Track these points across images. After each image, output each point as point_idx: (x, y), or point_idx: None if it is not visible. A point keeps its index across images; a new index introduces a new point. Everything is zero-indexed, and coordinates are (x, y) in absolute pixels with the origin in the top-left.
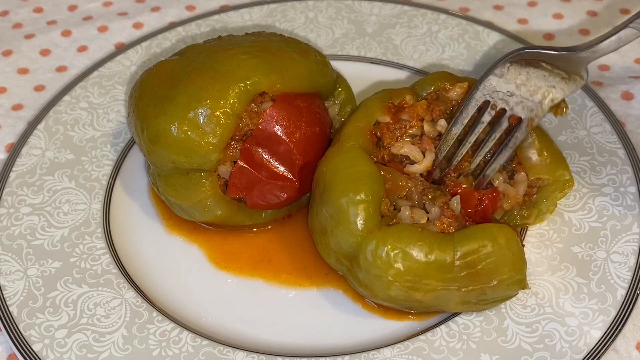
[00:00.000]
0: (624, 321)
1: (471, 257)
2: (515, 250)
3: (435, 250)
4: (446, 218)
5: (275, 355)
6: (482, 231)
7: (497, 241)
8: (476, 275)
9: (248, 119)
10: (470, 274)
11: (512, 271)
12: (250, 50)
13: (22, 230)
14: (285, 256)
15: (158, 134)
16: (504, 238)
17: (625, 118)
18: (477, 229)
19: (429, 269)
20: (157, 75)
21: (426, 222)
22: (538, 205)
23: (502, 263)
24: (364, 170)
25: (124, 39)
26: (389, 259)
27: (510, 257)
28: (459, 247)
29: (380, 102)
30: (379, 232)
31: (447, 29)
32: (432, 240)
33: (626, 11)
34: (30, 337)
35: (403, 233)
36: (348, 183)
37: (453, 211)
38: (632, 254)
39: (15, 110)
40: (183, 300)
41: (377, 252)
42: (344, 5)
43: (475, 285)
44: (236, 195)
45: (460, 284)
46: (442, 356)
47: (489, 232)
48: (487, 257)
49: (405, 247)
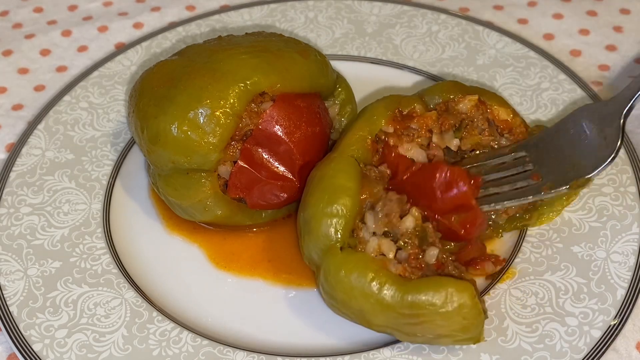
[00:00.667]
0: (624, 321)
1: (417, 310)
2: (468, 315)
3: (384, 292)
4: (409, 266)
5: (275, 355)
6: (435, 288)
7: (448, 303)
8: (420, 326)
9: (248, 118)
10: (413, 324)
11: (461, 332)
12: (251, 50)
13: (22, 230)
14: (285, 256)
15: (158, 133)
16: (457, 302)
17: None
18: (432, 284)
19: (375, 306)
20: (157, 75)
21: (392, 257)
22: (541, 210)
23: (449, 324)
24: (345, 186)
25: (124, 39)
26: (342, 285)
27: (459, 321)
28: (408, 296)
29: (385, 109)
30: (340, 255)
31: (447, 29)
32: (385, 281)
33: (626, 11)
34: (31, 337)
35: (359, 265)
36: (325, 193)
37: (422, 261)
38: (632, 253)
39: (15, 110)
40: (183, 300)
41: (332, 274)
42: (344, 5)
43: (419, 333)
44: (236, 195)
45: (404, 329)
46: (442, 356)
47: (442, 292)
48: (433, 315)
49: (357, 280)
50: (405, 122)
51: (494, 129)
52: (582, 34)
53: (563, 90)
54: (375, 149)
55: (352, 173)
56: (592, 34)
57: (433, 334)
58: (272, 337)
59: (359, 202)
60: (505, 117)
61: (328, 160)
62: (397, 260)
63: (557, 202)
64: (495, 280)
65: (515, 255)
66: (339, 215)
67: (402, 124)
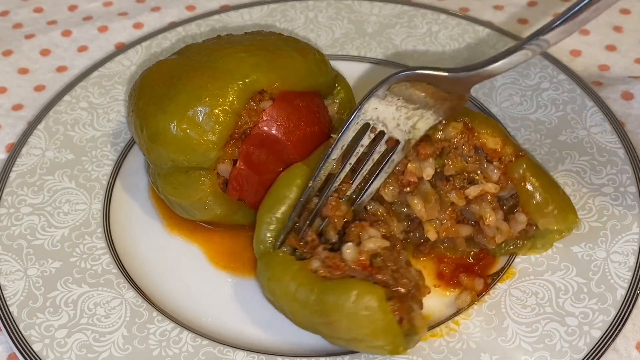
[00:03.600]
0: (624, 321)
1: (325, 309)
2: (375, 319)
3: (300, 291)
4: (325, 267)
5: (275, 355)
6: (343, 289)
7: (352, 304)
8: (331, 326)
9: (247, 117)
10: (326, 324)
11: (372, 337)
12: (250, 49)
13: (22, 230)
14: None
15: (157, 132)
16: (363, 304)
17: (625, 118)
18: (341, 285)
19: (294, 304)
20: (156, 74)
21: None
22: (533, 241)
23: (356, 327)
24: (287, 196)
25: (124, 39)
26: (268, 286)
27: (366, 325)
28: (319, 295)
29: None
30: (264, 258)
31: (447, 29)
32: (300, 281)
33: (626, 11)
34: (31, 337)
35: (278, 267)
36: (269, 199)
37: (337, 260)
38: (632, 253)
39: (15, 110)
40: (183, 300)
41: (263, 271)
42: (344, 5)
43: (335, 335)
44: (236, 196)
45: (321, 329)
46: (442, 356)
47: (349, 293)
48: (339, 315)
49: (278, 281)
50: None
51: (482, 156)
52: (582, 34)
53: (563, 90)
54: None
55: (300, 184)
56: (592, 34)
57: (347, 336)
58: (272, 337)
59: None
60: (493, 147)
61: (289, 168)
62: (318, 260)
63: (549, 235)
64: (495, 280)
65: (515, 255)
66: (274, 222)
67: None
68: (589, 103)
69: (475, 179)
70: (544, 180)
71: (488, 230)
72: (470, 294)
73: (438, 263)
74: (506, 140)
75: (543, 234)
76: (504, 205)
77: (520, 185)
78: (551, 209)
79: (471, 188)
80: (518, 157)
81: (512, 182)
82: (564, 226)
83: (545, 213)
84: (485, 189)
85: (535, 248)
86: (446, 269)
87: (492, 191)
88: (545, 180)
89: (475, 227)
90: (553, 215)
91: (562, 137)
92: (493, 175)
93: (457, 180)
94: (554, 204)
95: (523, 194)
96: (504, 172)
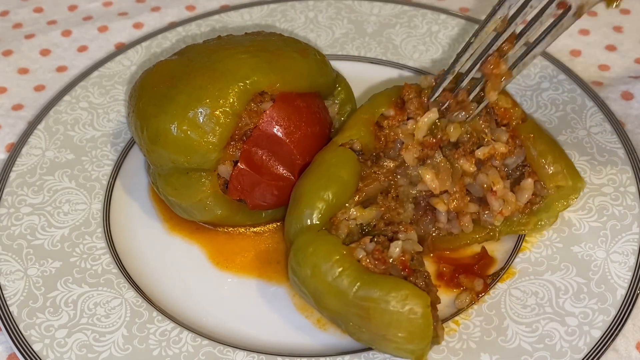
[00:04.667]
0: (624, 321)
1: (368, 302)
2: (415, 323)
3: (343, 276)
4: (372, 258)
5: (275, 355)
6: (392, 287)
7: (400, 303)
8: (367, 320)
9: (248, 118)
10: (361, 317)
11: (405, 340)
12: (250, 50)
13: (22, 230)
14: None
15: (158, 133)
16: (409, 306)
17: (625, 118)
18: (390, 282)
19: (331, 287)
20: (157, 75)
21: (359, 246)
22: (539, 215)
23: (395, 326)
24: (341, 177)
25: (124, 39)
26: (306, 261)
27: (405, 326)
28: (363, 287)
29: (387, 98)
30: (314, 234)
31: (447, 29)
32: (348, 267)
33: (626, 11)
34: (31, 337)
35: (328, 245)
36: (322, 177)
37: (385, 255)
38: (632, 253)
39: (15, 110)
40: (183, 300)
41: (302, 249)
42: (344, 5)
43: (365, 329)
44: (237, 197)
45: (352, 320)
46: (442, 356)
47: (398, 292)
48: (382, 312)
49: (322, 259)
50: (404, 109)
51: (492, 118)
52: (582, 34)
53: (563, 90)
54: (376, 130)
55: (351, 167)
56: (592, 34)
57: (378, 333)
58: (272, 337)
59: (349, 195)
60: (505, 105)
61: (334, 146)
62: (363, 250)
63: (553, 205)
64: (495, 280)
65: (515, 255)
66: (326, 201)
67: (402, 110)
68: (589, 103)
69: (484, 143)
70: (551, 142)
71: (495, 203)
72: (470, 294)
73: (438, 263)
74: (515, 103)
75: (548, 206)
76: (510, 177)
77: (528, 145)
78: (560, 168)
79: (481, 148)
80: (525, 120)
81: (521, 141)
82: (572, 185)
83: (555, 172)
84: (495, 147)
85: (541, 224)
86: (446, 269)
87: (502, 150)
88: (552, 142)
89: (482, 206)
90: (562, 172)
91: (562, 137)
92: (502, 136)
93: (467, 145)
94: (563, 162)
95: (531, 151)
96: (513, 135)
